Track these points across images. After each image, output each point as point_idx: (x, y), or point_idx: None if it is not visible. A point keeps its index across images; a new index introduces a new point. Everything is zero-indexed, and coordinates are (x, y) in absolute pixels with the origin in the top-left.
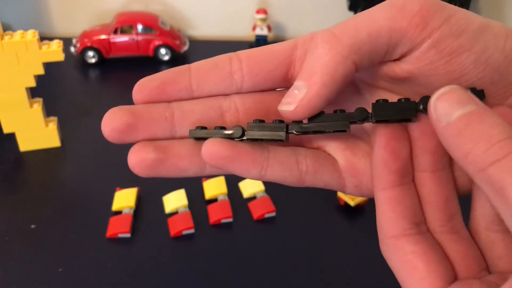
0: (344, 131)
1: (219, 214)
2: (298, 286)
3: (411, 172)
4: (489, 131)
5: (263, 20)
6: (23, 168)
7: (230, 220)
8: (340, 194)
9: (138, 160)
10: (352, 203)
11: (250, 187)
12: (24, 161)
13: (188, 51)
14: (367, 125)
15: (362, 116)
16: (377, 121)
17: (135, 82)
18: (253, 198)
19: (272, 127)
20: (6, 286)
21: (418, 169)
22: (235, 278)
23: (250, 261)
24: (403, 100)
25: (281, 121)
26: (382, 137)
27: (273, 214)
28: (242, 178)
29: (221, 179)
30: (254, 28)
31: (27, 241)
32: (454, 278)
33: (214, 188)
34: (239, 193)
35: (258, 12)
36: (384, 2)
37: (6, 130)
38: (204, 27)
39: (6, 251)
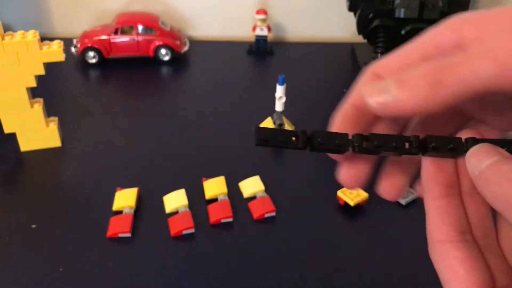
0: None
1: (219, 214)
2: (298, 285)
3: (457, 186)
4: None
5: (263, 20)
6: (23, 168)
7: (230, 220)
8: (340, 194)
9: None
10: (351, 203)
11: (250, 187)
12: (25, 161)
13: (189, 51)
14: None
15: (415, 147)
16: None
17: (136, 82)
18: (253, 198)
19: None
20: (7, 286)
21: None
22: (235, 277)
23: (250, 261)
24: (452, 139)
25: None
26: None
27: (273, 214)
28: (242, 178)
29: (221, 179)
30: (254, 28)
31: (28, 240)
32: (492, 286)
33: (214, 188)
34: (239, 193)
35: (258, 12)
36: None
37: (6, 130)
38: (204, 27)
39: (6, 250)
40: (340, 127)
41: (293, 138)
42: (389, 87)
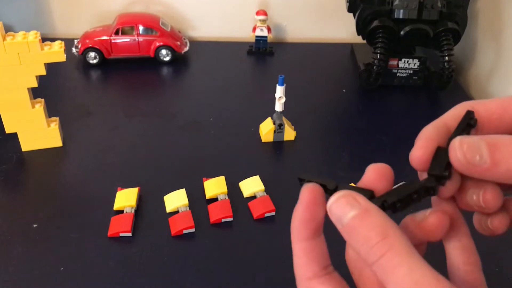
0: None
1: (220, 213)
2: None
3: (321, 229)
4: (368, 234)
5: (263, 21)
6: (25, 167)
7: (230, 219)
8: None
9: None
10: None
11: (250, 187)
12: (26, 161)
13: (189, 52)
14: None
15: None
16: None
17: (137, 83)
18: (253, 197)
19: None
20: (8, 285)
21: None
22: (235, 277)
23: (250, 260)
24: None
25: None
26: (303, 201)
27: (273, 213)
28: (242, 178)
29: (221, 179)
30: (254, 29)
31: (29, 240)
32: None
33: (215, 187)
34: (239, 193)
35: (258, 13)
36: None
37: (8, 130)
38: (205, 28)
39: (8, 250)
40: (431, 137)
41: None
42: (482, 152)
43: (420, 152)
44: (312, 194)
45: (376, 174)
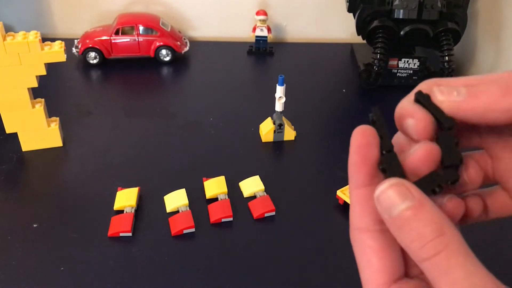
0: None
1: (220, 213)
2: (298, 285)
3: (380, 176)
4: (423, 230)
5: (263, 21)
6: (25, 167)
7: (231, 219)
8: (339, 193)
9: None
10: None
11: (250, 187)
12: (26, 161)
13: (189, 52)
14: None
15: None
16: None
17: (137, 83)
18: (253, 197)
19: None
20: (8, 285)
21: None
22: (235, 276)
23: (250, 260)
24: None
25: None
26: (353, 143)
27: (273, 213)
28: (242, 178)
29: (222, 179)
30: (254, 29)
31: (29, 240)
32: (403, 276)
33: (215, 187)
34: (239, 193)
35: (258, 13)
36: None
37: (8, 130)
38: (205, 28)
39: (8, 250)
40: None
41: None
42: (460, 89)
43: (422, 124)
44: (362, 135)
45: (427, 156)
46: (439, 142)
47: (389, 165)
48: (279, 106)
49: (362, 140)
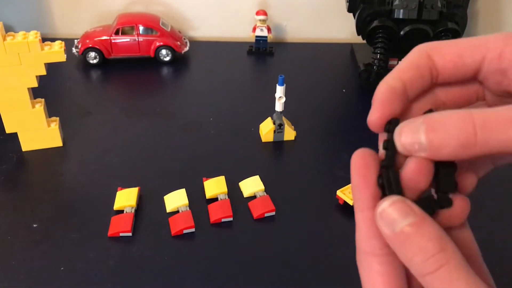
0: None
1: (220, 213)
2: (298, 285)
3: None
4: (425, 245)
5: (263, 21)
6: (25, 167)
7: (230, 219)
8: (339, 193)
9: None
10: (351, 202)
11: (250, 187)
12: (26, 160)
13: (189, 52)
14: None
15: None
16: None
17: (137, 83)
18: (253, 197)
19: None
20: (8, 285)
21: None
22: (235, 276)
23: (250, 260)
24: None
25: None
26: (354, 165)
27: (273, 213)
28: (242, 178)
29: (221, 179)
30: (254, 29)
31: (29, 240)
32: None
33: (215, 187)
34: (239, 193)
35: (258, 13)
36: None
37: (8, 130)
38: (205, 28)
39: (8, 250)
40: (387, 98)
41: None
42: (420, 131)
43: (375, 115)
44: (361, 157)
45: (419, 167)
46: (437, 165)
47: (387, 181)
48: (279, 106)
49: (362, 162)
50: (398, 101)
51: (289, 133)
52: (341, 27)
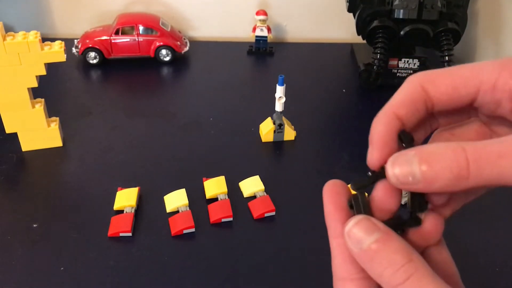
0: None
1: (220, 213)
2: (298, 285)
3: None
4: (393, 257)
5: (263, 21)
6: (25, 167)
7: (230, 219)
8: None
9: None
10: None
11: (250, 187)
12: (26, 160)
13: (189, 52)
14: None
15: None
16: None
17: (137, 83)
18: (253, 197)
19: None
20: (8, 285)
21: None
22: (235, 276)
23: (250, 260)
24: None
25: None
26: (325, 194)
27: (273, 213)
28: (242, 178)
29: (221, 179)
30: (254, 29)
31: (29, 240)
32: None
33: (215, 187)
34: (239, 193)
35: (258, 13)
36: None
37: (8, 130)
38: (205, 28)
39: (8, 250)
40: (384, 136)
41: None
42: (414, 164)
43: (375, 157)
44: (332, 185)
45: (386, 192)
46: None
47: (356, 203)
48: (279, 106)
49: (333, 189)
50: (396, 140)
51: (289, 133)
52: (341, 27)
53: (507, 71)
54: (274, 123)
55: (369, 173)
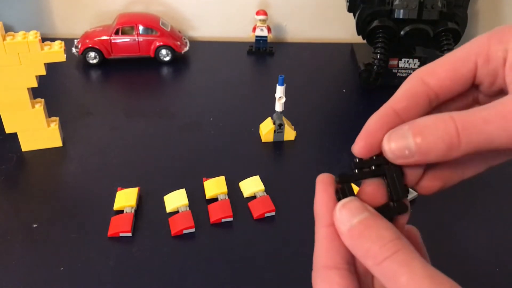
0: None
1: (220, 213)
2: (298, 285)
3: None
4: (382, 233)
5: (263, 21)
6: (25, 168)
7: (230, 219)
8: None
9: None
10: None
11: (250, 187)
12: (26, 161)
13: (189, 52)
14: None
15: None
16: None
17: (137, 83)
18: (253, 197)
19: None
20: (8, 285)
21: None
22: (235, 277)
23: (250, 260)
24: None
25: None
26: (318, 184)
27: (273, 213)
28: (242, 178)
29: (221, 179)
30: (254, 29)
31: (29, 240)
32: None
33: (215, 187)
34: (239, 193)
35: (258, 13)
36: None
37: (8, 130)
38: (205, 28)
39: (8, 250)
40: (374, 128)
41: None
42: (408, 137)
43: (359, 145)
44: (324, 177)
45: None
46: (386, 178)
47: (343, 191)
48: (279, 106)
49: (325, 180)
50: (385, 131)
51: (289, 133)
52: (341, 27)
53: (495, 38)
54: (274, 123)
55: (356, 159)
